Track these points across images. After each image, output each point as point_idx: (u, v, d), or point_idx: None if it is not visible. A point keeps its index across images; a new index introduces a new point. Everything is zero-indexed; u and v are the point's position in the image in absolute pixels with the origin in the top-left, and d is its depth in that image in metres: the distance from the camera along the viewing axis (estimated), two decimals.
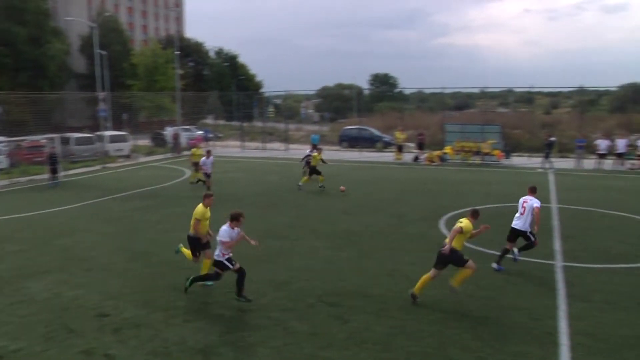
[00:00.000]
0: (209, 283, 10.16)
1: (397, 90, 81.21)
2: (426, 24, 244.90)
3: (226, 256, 9.39)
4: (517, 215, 11.89)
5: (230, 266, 9.40)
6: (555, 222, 15.87)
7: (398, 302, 9.64)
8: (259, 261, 11.84)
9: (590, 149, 30.95)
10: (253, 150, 40.58)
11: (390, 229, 15.14)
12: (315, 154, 22.42)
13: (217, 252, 9.42)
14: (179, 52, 43.00)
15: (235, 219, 9.37)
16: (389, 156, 34.90)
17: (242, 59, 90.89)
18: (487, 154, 31.15)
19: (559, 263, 11.98)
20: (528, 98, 51.25)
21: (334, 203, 18.92)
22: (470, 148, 31.52)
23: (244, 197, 20.25)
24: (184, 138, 40.33)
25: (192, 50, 78.48)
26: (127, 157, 35.32)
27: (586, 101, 62.28)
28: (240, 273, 9.47)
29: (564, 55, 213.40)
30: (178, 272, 11.02)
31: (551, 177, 25.21)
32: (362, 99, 60.14)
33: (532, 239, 11.63)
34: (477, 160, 31.08)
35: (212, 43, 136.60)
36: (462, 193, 20.70)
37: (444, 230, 14.76)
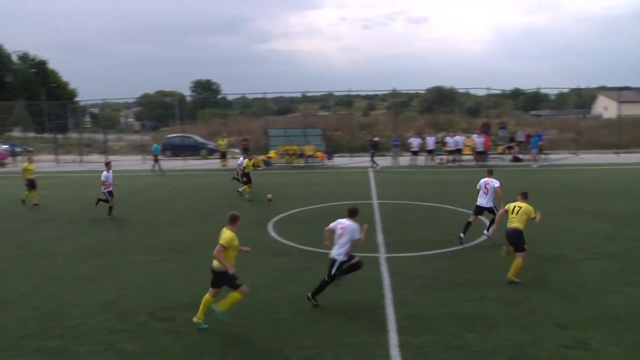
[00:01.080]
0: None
1: (220, 96, 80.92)
2: (248, 30, 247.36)
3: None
4: (480, 193, 14.00)
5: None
6: (377, 217, 16.88)
7: (233, 309, 9.54)
8: (84, 282, 11.05)
9: (405, 147, 33.47)
10: (69, 163, 37.94)
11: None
12: (246, 160, 21.31)
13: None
14: None
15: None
16: (214, 163, 34.64)
17: (52, 65, 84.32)
18: (310, 156, 32.26)
19: (382, 255, 12.74)
20: (347, 101, 53.89)
21: (161, 214, 18.31)
22: (294, 151, 32.39)
23: (63, 214, 18.81)
24: None
25: None
26: None
27: (399, 103, 67.13)
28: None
29: (378, 61, 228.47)
30: None
31: (371, 175, 26.79)
32: (185, 106, 58.95)
33: (496, 211, 13.28)
34: (301, 162, 32.07)
35: (13, 46, 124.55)
36: (289, 195, 21.20)
37: (273, 234, 14.97)
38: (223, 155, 33.22)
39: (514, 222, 11.16)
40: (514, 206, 11.58)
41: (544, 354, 7.72)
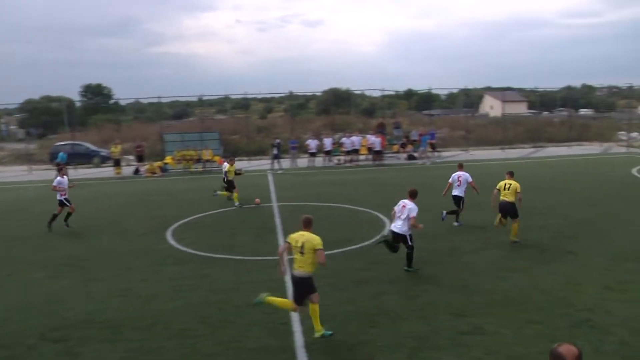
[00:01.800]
0: None
1: (112, 101, 77.52)
2: (140, 32, 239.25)
3: None
4: (454, 186, 15.60)
5: None
6: (277, 220, 16.87)
7: (133, 322, 9.18)
8: None
9: (303, 149, 33.72)
10: None
11: (116, 248, 14.35)
12: (229, 166, 20.10)
13: None
14: None
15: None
16: (108, 171, 33.23)
17: None
18: (208, 160, 31.73)
19: (285, 257, 12.69)
20: (244, 104, 53.58)
21: (52, 227, 17.21)
22: (191, 156, 31.73)
23: None
24: None
25: None
26: None
27: (296, 105, 67.52)
28: None
29: (274, 64, 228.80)
30: None
31: (270, 178, 26.75)
32: (74, 111, 56.04)
33: (462, 205, 15.55)
34: (199, 168, 31.46)
35: None
36: (187, 202, 20.71)
37: (172, 242, 14.56)
38: (117, 163, 31.92)
39: (507, 197, 13.36)
40: (505, 184, 13.54)
41: (443, 342, 8.04)
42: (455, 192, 15.64)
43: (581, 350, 3.66)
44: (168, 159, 31.92)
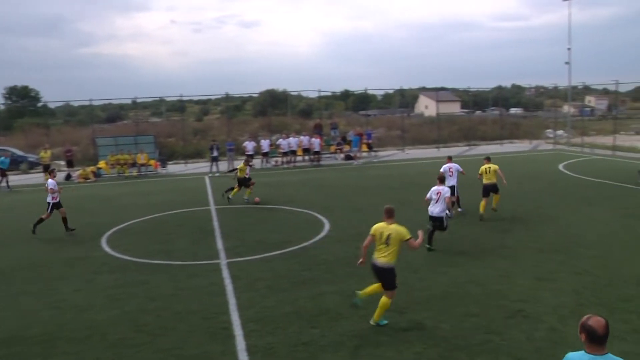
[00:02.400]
0: None
1: (40, 104, 74.36)
2: (69, 32, 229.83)
3: None
4: (447, 176, 15.91)
5: None
6: (216, 223, 16.65)
7: (67, 335, 8.83)
8: None
9: (240, 151, 33.43)
10: None
11: (47, 258, 13.72)
12: (241, 165, 19.83)
13: None
14: None
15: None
16: (37, 177, 31.90)
17: None
18: (143, 164, 30.97)
19: (223, 261, 12.57)
20: (180, 106, 52.50)
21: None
22: (125, 160, 30.88)
23: None
24: None
25: None
26: None
27: (233, 107, 66.86)
28: None
29: (210, 65, 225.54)
30: None
31: (208, 181, 26.39)
32: None
33: (456, 192, 16.28)
34: (134, 172, 30.67)
35: None
36: (123, 207, 20.13)
37: (107, 249, 14.11)
38: (46, 169, 30.65)
39: (490, 179, 16.22)
40: (485, 168, 16.44)
41: (384, 339, 8.15)
42: (450, 183, 16.02)
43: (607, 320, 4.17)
44: (101, 164, 30.95)
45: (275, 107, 60.94)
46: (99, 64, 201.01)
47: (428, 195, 13.14)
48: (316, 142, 32.35)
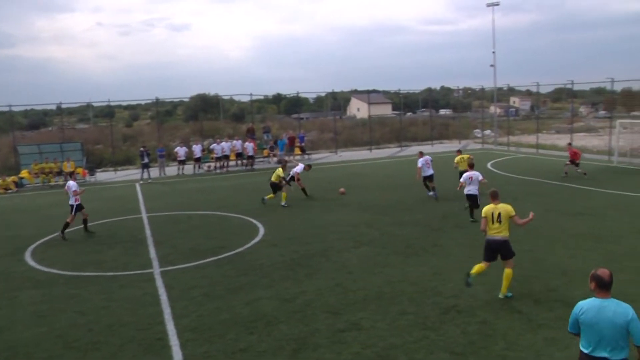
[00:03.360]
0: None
1: None
2: None
3: None
4: (425, 168, 19.07)
5: None
6: (148, 231, 16.23)
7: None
8: None
9: (172, 157, 32.75)
10: None
11: None
12: (278, 170, 19.86)
13: None
14: None
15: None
16: None
17: None
18: (70, 173, 29.75)
19: (157, 270, 12.26)
20: (108, 112, 50.94)
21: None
22: (51, 169, 29.65)
23: None
24: None
25: None
26: None
27: (163, 112, 65.49)
28: None
29: (139, 69, 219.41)
30: None
31: (138, 188, 25.70)
32: None
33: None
34: (60, 181, 29.46)
35: None
36: (49, 218, 19.25)
37: (32, 263, 13.47)
38: None
39: (464, 166, 17.87)
40: (460, 158, 19.31)
41: (322, 341, 8.15)
42: (426, 173, 18.35)
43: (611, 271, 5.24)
44: (24, 173, 29.57)
45: (207, 112, 60.16)
46: (19, 67, 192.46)
47: (462, 180, 16.11)
48: (249, 146, 32.11)
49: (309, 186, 23.23)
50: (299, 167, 21.21)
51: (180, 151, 30.98)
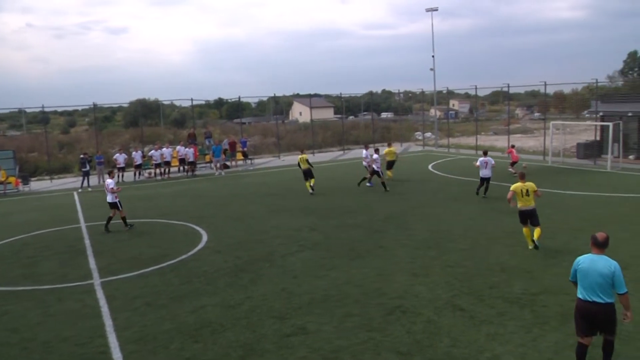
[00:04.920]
0: None
1: None
2: None
3: None
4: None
5: None
6: (87, 241, 15.73)
7: None
8: None
9: (111, 164, 31.90)
10: None
11: None
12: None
13: None
14: None
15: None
16: None
17: None
18: (1, 182, 28.59)
19: (97, 281, 11.90)
20: (43, 118, 49.25)
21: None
22: None
23: None
24: None
25: None
26: None
27: (102, 118, 63.82)
28: None
29: (75, 74, 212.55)
30: None
31: (77, 197, 24.89)
32: None
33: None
34: None
35: None
36: None
37: None
38: None
39: (392, 157, 22.93)
40: (388, 150, 23.20)
41: (269, 347, 8.11)
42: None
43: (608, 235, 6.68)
44: None
45: (147, 117, 59.04)
46: None
47: (478, 163, 19.36)
48: (189, 152, 31.54)
49: (251, 191, 23.16)
50: (376, 156, 22.66)
51: (119, 158, 30.18)
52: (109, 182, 17.09)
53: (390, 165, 25.04)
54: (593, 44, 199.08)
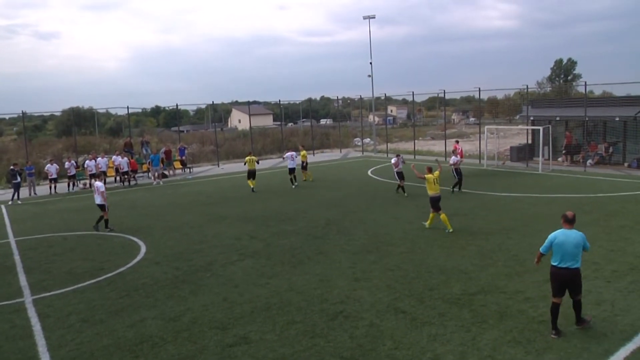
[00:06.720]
0: None
1: None
2: None
3: None
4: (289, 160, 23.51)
5: None
6: (17, 257, 15.05)
7: None
8: None
9: (42, 175, 30.68)
10: None
11: None
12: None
13: None
14: None
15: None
16: None
17: None
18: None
19: (28, 298, 11.39)
20: None
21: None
22: None
23: None
24: None
25: None
26: None
27: (32, 127, 61.43)
28: None
29: (1, 80, 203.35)
30: None
31: (4, 210, 23.77)
32: None
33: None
34: None
35: None
36: None
37: None
38: None
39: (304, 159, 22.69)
40: (303, 153, 21.86)
41: (212, 358, 8.02)
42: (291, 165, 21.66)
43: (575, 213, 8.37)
44: None
45: (80, 126, 57.39)
46: None
47: (456, 160, 21.94)
48: (123, 161, 30.64)
49: (189, 201, 22.84)
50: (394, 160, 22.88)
51: (51, 169, 29.03)
52: (99, 184, 17.80)
53: (305, 166, 27.27)
54: (523, 52, 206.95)
